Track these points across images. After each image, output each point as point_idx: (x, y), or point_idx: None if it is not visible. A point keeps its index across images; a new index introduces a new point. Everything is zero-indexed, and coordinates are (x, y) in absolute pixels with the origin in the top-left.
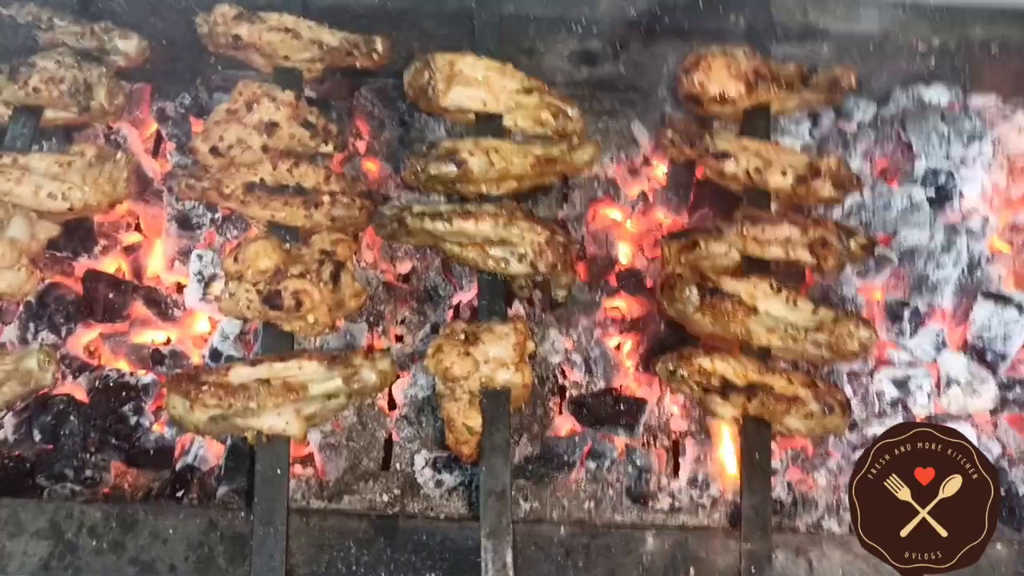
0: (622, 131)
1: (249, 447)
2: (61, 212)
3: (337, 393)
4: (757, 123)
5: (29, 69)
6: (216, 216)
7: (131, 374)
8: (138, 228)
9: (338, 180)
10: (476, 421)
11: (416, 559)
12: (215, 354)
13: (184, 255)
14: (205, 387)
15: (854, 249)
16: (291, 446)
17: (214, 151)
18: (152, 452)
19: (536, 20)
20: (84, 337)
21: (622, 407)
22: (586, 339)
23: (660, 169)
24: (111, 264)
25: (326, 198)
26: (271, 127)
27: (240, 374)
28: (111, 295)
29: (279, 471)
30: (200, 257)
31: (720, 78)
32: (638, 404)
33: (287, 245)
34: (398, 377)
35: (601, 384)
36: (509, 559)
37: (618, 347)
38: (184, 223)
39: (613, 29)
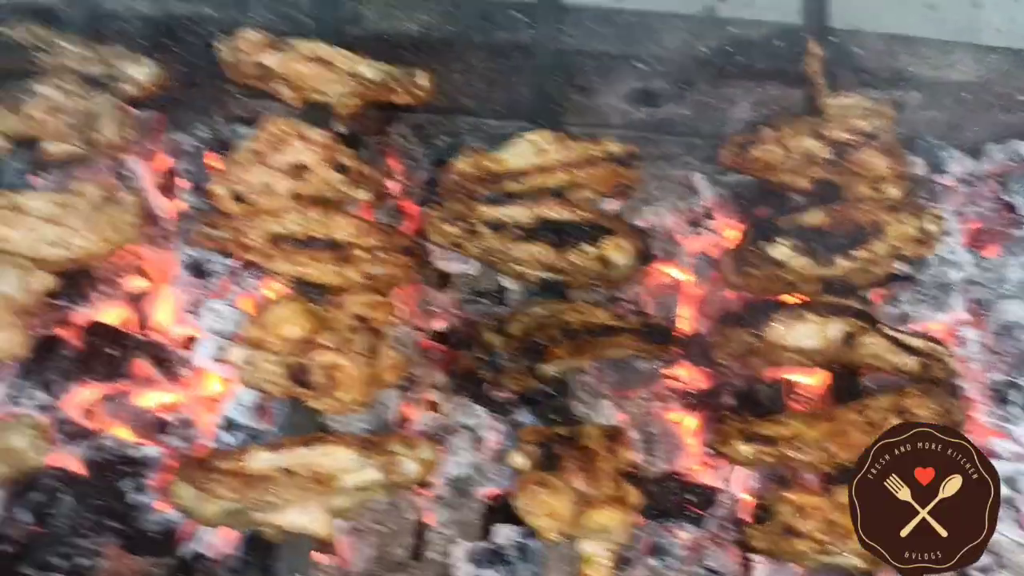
0: (682, 179)
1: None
2: (59, 261)
3: (373, 486)
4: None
5: (27, 96)
6: (232, 263)
7: (132, 444)
8: (144, 273)
9: (374, 232)
10: None
11: None
12: (228, 424)
13: (195, 306)
14: (217, 475)
15: None
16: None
17: (237, 197)
18: (153, 535)
19: (596, 56)
20: (80, 397)
21: (687, 495)
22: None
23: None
24: (114, 315)
25: (360, 252)
26: (299, 170)
27: (259, 460)
28: (111, 350)
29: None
30: (213, 310)
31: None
32: (707, 493)
33: (315, 307)
34: None
35: (662, 466)
36: None
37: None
38: (196, 270)
39: (679, 67)
